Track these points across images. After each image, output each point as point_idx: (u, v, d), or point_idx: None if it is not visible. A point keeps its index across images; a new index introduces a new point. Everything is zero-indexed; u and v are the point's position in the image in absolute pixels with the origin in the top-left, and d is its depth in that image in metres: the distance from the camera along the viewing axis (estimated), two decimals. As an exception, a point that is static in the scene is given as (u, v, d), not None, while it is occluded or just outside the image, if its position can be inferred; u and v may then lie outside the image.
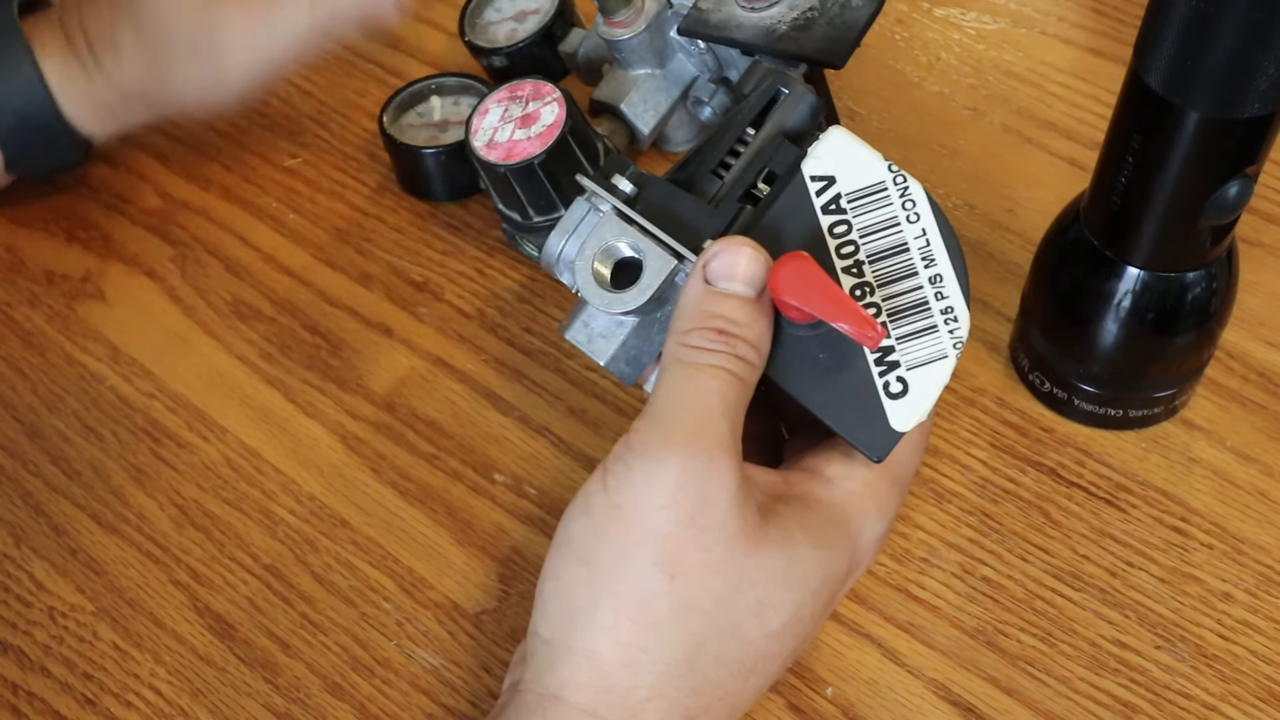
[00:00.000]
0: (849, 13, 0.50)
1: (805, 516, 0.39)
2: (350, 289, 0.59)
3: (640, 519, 0.36)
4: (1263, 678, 0.46)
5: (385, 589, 0.50)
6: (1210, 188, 0.42)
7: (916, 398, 0.39)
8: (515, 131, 0.51)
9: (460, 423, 0.55)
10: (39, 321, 0.59)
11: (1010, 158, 0.61)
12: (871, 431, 0.39)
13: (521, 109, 0.51)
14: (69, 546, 0.52)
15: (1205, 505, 0.50)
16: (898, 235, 0.40)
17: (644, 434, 0.37)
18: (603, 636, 0.36)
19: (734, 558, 0.37)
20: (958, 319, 0.39)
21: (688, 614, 0.36)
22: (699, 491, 0.36)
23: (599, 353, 0.42)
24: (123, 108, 0.58)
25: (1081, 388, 0.50)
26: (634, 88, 0.57)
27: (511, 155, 0.51)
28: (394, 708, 0.47)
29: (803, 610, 0.38)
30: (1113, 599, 0.48)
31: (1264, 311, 0.55)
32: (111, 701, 0.48)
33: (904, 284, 0.40)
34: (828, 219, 0.40)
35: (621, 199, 0.41)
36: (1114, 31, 0.66)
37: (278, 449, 0.54)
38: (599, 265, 0.41)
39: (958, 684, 0.46)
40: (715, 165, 0.42)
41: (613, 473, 0.37)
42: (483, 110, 0.52)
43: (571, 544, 0.38)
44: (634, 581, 0.36)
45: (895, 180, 0.40)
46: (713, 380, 0.37)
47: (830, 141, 0.41)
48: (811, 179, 0.41)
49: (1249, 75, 0.38)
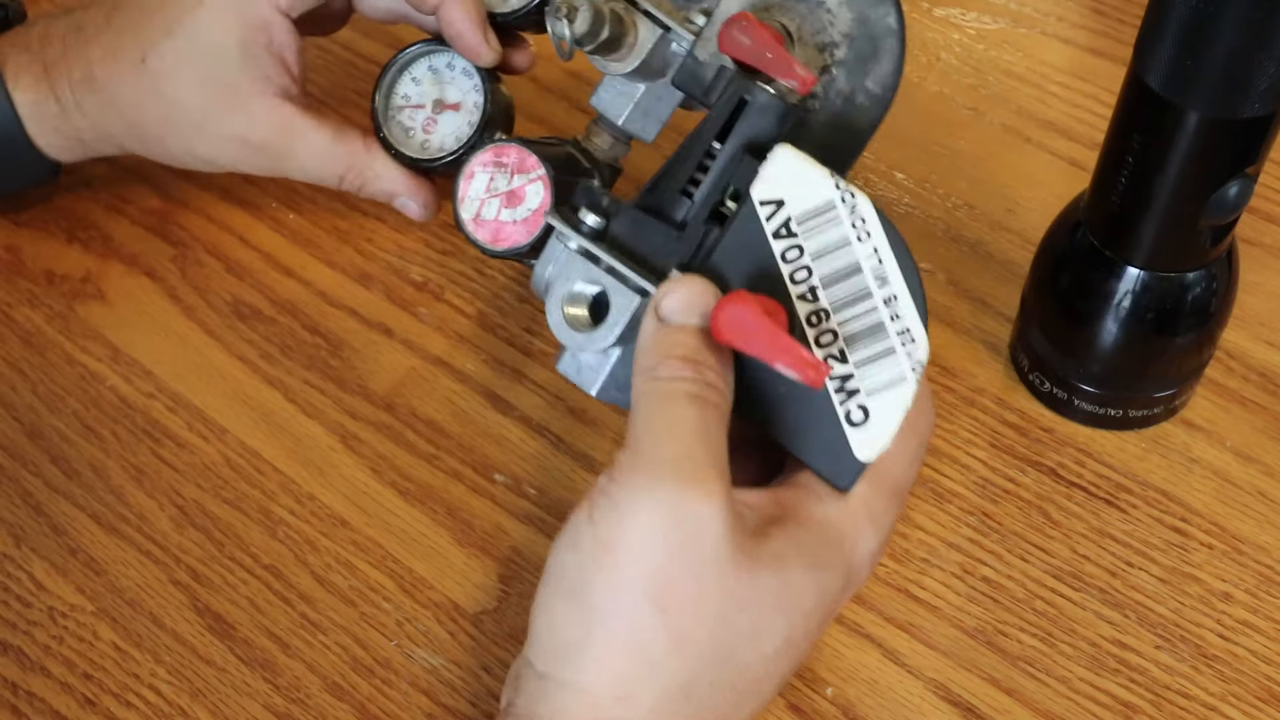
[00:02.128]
0: (853, 111, 0.46)
1: (798, 537, 0.38)
2: (350, 289, 0.59)
3: (629, 554, 0.36)
4: (1263, 678, 0.46)
5: (385, 589, 0.50)
6: (1210, 188, 0.42)
7: (878, 425, 0.38)
8: (501, 210, 0.49)
9: (460, 423, 0.55)
10: (39, 321, 0.59)
11: (1010, 158, 0.61)
12: (837, 460, 0.38)
13: (507, 182, 0.50)
14: (69, 546, 0.52)
15: (1205, 505, 0.50)
16: (849, 256, 0.39)
17: (627, 466, 0.36)
18: (596, 671, 0.36)
19: (726, 585, 0.36)
20: (915, 339, 0.38)
21: (681, 645, 0.36)
22: (688, 521, 0.36)
23: (588, 384, 0.43)
24: (98, 144, 0.57)
25: (1081, 388, 0.50)
26: (631, 102, 0.52)
27: (499, 239, 0.50)
28: (394, 708, 0.47)
29: (796, 633, 0.38)
30: (1113, 599, 0.48)
31: (1264, 311, 0.55)
32: (111, 701, 0.48)
33: (858, 307, 0.39)
34: (779, 244, 0.39)
35: (587, 234, 0.41)
36: (1114, 31, 0.66)
37: (278, 449, 0.54)
38: (568, 308, 0.41)
39: (958, 684, 0.46)
40: (684, 184, 0.41)
41: (599, 506, 0.37)
42: (469, 174, 0.50)
43: (562, 578, 0.37)
44: (625, 616, 0.36)
45: (844, 198, 0.39)
46: (688, 407, 0.37)
47: (776, 163, 0.39)
48: (761, 204, 0.40)
49: (1249, 75, 0.38)
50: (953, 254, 0.58)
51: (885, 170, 0.61)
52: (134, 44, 0.54)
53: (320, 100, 0.67)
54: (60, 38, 0.55)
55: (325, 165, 0.56)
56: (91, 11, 0.56)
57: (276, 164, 0.56)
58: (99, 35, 0.54)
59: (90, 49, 0.54)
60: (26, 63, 0.55)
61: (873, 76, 0.46)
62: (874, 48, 0.46)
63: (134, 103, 0.54)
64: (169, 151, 0.56)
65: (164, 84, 0.53)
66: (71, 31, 0.55)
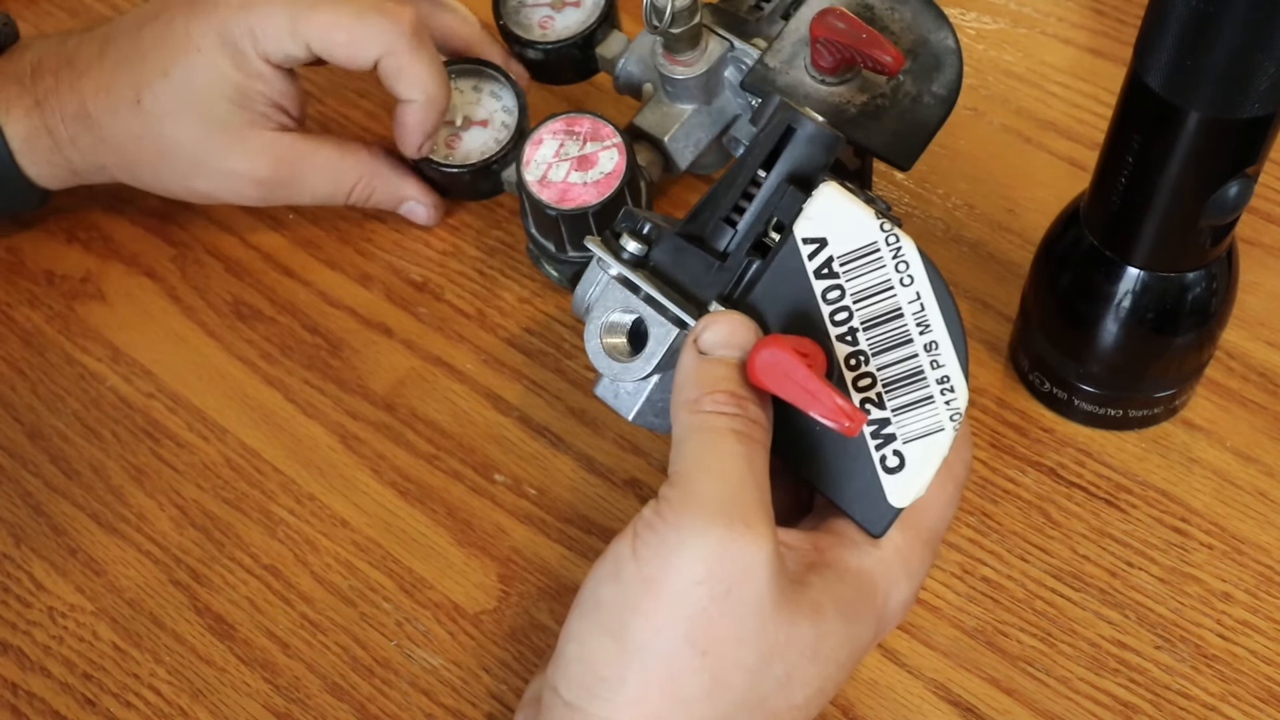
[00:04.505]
0: (920, 110, 0.49)
1: (835, 589, 0.38)
2: (350, 289, 0.59)
3: (672, 595, 0.35)
4: (1263, 678, 0.46)
5: (385, 589, 0.50)
6: (1210, 188, 0.42)
7: (913, 472, 0.38)
8: (571, 173, 0.50)
9: (460, 423, 0.55)
10: (39, 321, 0.59)
11: (1010, 158, 0.61)
12: (870, 505, 0.38)
13: (579, 148, 0.50)
14: (69, 546, 0.52)
15: (1205, 505, 0.50)
16: (891, 300, 0.38)
17: (675, 503, 0.36)
18: (628, 709, 0.36)
19: (766, 632, 0.36)
20: (954, 389, 0.38)
21: (717, 689, 0.36)
22: (735, 564, 0.35)
23: (625, 409, 0.42)
24: (90, 174, 0.57)
25: (1081, 388, 0.50)
26: (679, 123, 0.55)
27: (566, 199, 0.50)
28: (394, 708, 0.47)
29: (828, 683, 0.38)
30: (1113, 599, 0.48)
31: (1264, 311, 0.55)
32: (111, 701, 0.48)
33: (898, 352, 0.38)
34: (820, 284, 0.39)
35: (628, 262, 0.41)
36: (1114, 31, 0.66)
37: (278, 449, 0.54)
38: (606, 338, 0.41)
39: (958, 684, 0.46)
40: (727, 213, 0.41)
41: (644, 541, 0.36)
42: (536, 140, 0.51)
43: (600, 611, 0.37)
44: (664, 657, 0.35)
45: (888, 240, 0.38)
46: (737, 445, 0.36)
47: (821, 201, 0.39)
48: (804, 241, 0.39)
49: (1249, 75, 0.38)
50: (953, 254, 0.58)
51: (885, 170, 0.61)
52: (128, 82, 0.54)
53: (319, 100, 0.67)
54: (53, 70, 0.55)
55: (334, 181, 0.57)
56: (84, 43, 0.55)
57: (282, 193, 0.57)
58: (90, 69, 0.54)
59: (83, 83, 0.54)
60: (17, 94, 0.55)
61: (938, 83, 0.50)
62: (937, 62, 0.51)
63: (130, 140, 0.55)
64: (165, 186, 0.57)
65: (161, 125, 0.54)
66: (64, 65, 0.55)
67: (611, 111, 0.55)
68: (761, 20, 0.54)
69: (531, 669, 0.48)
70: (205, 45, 0.52)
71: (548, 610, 0.49)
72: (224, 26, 0.52)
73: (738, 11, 0.55)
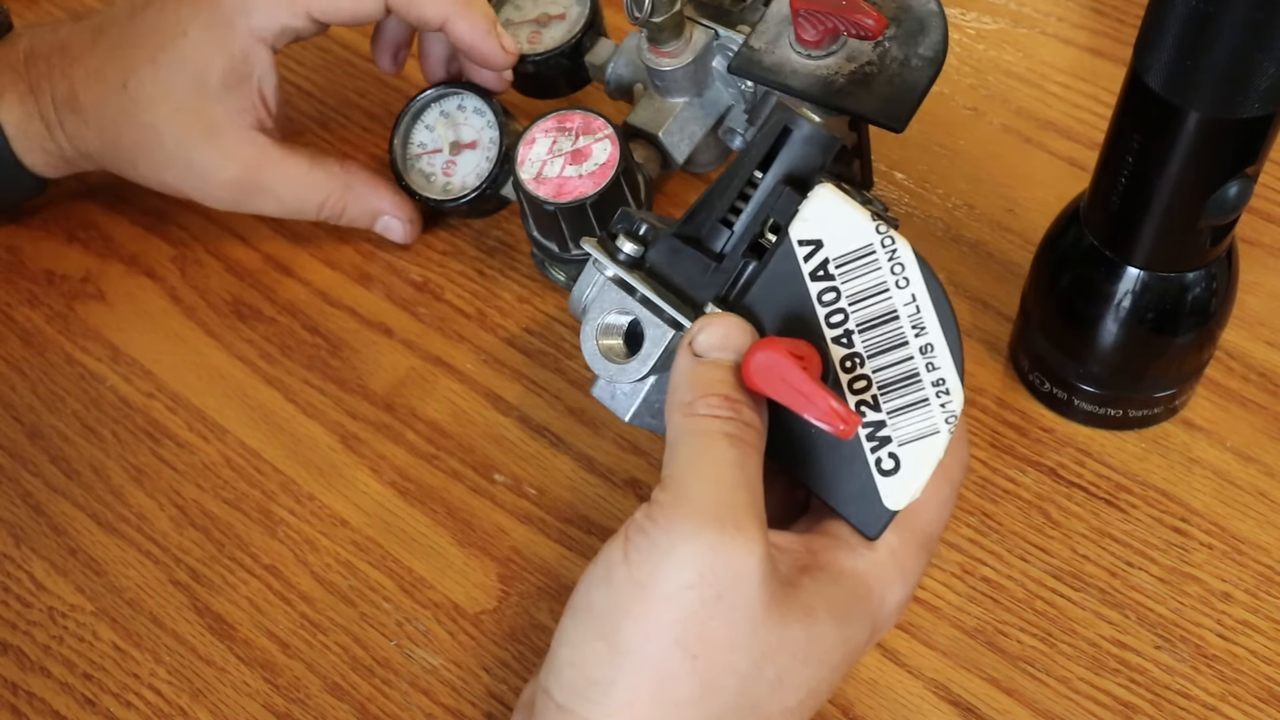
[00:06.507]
0: (909, 72, 0.49)
1: (828, 591, 0.38)
2: (350, 289, 0.59)
3: (663, 598, 0.35)
4: (1263, 678, 0.46)
5: (385, 589, 0.50)
6: (1210, 188, 0.42)
7: (909, 475, 0.38)
8: (565, 167, 0.50)
9: (460, 423, 0.55)
10: (39, 321, 0.59)
11: (1010, 158, 0.61)
12: (865, 508, 0.38)
13: (571, 143, 0.50)
14: (69, 546, 0.52)
15: (1205, 505, 0.50)
16: (887, 302, 0.38)
17: (667, 507, 0.36)
18: (619, 712, 0.36)
19: (757, 635, 0.36)
20: (950, 392, 0.38)
21: (708, 693, 0.36)
22: (727, 569, 0.35)
23: (622, 410, 0.42)
24: (79, 161, 0.57)
25: (1081, 388, 0.50)
26: (671, 116, 0.55)
27: (562, 193, 0.50)
28: (394, 708, 0.47)
29: (821, 686, 0.38)
30: (1113, 599, 0.48)
31: (1264, 311, 0.55)
32: (111, 701, 0.48)
33: (894, 354, 0.38)
34: (816, 286, 0.39)
35: (624, 263, 0.41)
36: (1114, 31, 0.66)
37: (278, 449, 0.54)
38: (602, 339, 0.41)
39: (958, 684, 0.46)
40: (723, 214, 0.41)
41: (635, 545, 0.36)
42: (529, 140, 0.51)
43: (591, 614, 0.37)
44: (655, 661, 0.35)
45: (884, 242, 0.38)
46: (730, 449, 0.36)
47: (816, 203, 0.39)
48: (799, 243, 0.39)
49: (1249, 75, 0.38)
50: (952, 254, 0.58)
51: (885, 170, 0.61)
52: (117, 68, 0.54)
53: (319, 99, 0.67)
54: (45, 57, 0.55)
55: (303, 193, 0.56)
56: (79, 31, 0.56)
57: (249, 200, 0.57)
58: (83, 56, 0.55)
59: (75, 69, 0.55)
60: (11, 81, 0.55)
61: (924, 45, 0.50)
62: (921, 26, 0.50)
63: (111, 125, 0.55)
64: (141, 175, 0.57)
65: (141, 110, 0.54)
66: (57, 51, 0.55)
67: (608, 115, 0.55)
68: (745, 8, 0.54)
69: (531, 669, 0.48)
70: (193, 28, 0.53)
71: (547, 610, 0.49)
72: (217, 6, 0.52)
73: (720, 3, 0.55)
